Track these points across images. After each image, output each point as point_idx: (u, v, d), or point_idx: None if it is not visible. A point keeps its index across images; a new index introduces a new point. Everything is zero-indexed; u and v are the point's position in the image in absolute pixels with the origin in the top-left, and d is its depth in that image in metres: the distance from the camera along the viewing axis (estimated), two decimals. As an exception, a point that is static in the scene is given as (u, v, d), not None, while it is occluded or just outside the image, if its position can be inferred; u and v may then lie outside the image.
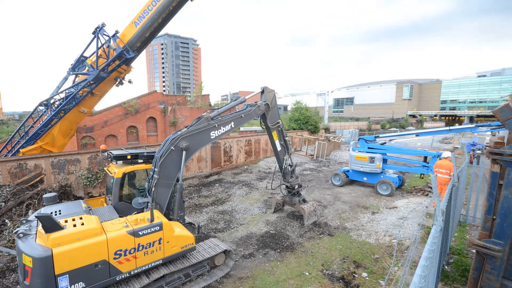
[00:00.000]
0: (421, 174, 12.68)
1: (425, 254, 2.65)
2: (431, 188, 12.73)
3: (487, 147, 9.26)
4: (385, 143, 13.51)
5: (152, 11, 10.10)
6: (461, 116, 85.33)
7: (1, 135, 20.89)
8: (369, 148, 13.21)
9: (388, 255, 7.33)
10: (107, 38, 10.51)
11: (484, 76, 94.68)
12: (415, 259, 6.51)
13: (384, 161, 12.97)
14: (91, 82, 10.80)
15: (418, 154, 13.06)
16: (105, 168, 7.55)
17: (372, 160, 12.76)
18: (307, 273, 6.59)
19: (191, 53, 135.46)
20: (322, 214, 10.24)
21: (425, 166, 12.17)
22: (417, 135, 13.34)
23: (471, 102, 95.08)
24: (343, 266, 6.90)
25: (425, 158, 12.59)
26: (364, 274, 6.54)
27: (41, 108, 11.47)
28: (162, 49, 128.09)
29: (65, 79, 11.20)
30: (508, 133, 3.79)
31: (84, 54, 10.95)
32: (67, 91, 11.14)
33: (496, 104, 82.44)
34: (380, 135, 13.80)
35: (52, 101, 11.26)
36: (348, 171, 14.34)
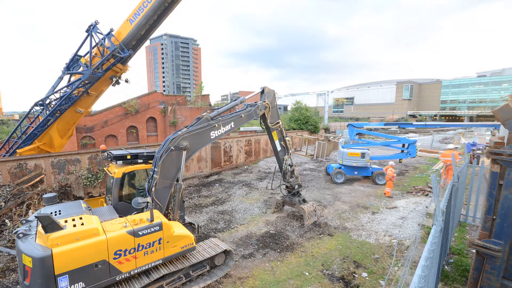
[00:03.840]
0: (399, 159, 14.95)
1: (425, 254, 2.65)
2: (431, 188, 12.74)
3: (487, 147, 9.30)
4: (371, 129, 15.92)
5: (147, 8, 10.06)
6: (461, 116, 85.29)
7: (1, 135, 20.89)
8: (357, 134, 15.46)
9: (388, 255, 7.32)
10: (101, 36, 10.34)
11: (484, 76, 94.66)
12: (415, 259, 6.51)
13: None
14: (86, 81, 10.65)
15: (399, 139, 15.11)
16: (105, 168, 7.54)
17: (363, 155, 14.36)
18: (307, 273, 6.58)
19: (191, 53, 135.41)
20: (322, 214, 10.24)
21: (403, 151, 14.38)
22: (399, 126, 16.68)
23: (471, 102, 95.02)
24: (343, 266, 6.90)
25: (403, 145, 14.74)
26: (364, 274, 6.54)
27: (36, 108, 11.36)
28: (162, 49, 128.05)
29: (60, 78, 11.05)
30: (508, 133, 3.78)
31: (79, 53, 10.77)
32: (62, 90, 11.05)
33: (496, 104, 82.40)
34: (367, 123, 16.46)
35: (48, 101, 11.13)
36: (340, 167, 15.04)
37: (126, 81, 12.22)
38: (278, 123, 8.89)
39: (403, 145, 14.69)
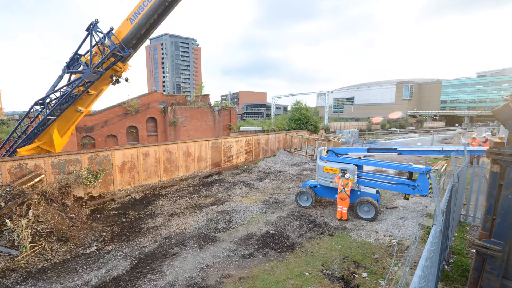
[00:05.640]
0: (405, 194, 9.79)
1: (425, 254, 2.65)
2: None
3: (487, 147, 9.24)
4: (360, 158, 10.59)
5: (147, 7, 10.06)
6: (461, 116, 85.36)
7: (1, 135, 20.87)
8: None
9: (388, 255, 7.32)
10: (101, 35, 10.31)
11: (484, 76, 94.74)
12: (415, 259, 6.50)
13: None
14: (86, 80, 10.62)
15: (401, 169, 9.96)
16: None
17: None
18: (307, 273, 6.58)
19: (191, 53, 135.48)
20: (322, 214, 10.24)
21: (410, 185, 9.46)
22: (399, 153, 10.00)
23: (471, 102, 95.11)
24: (343, 266, 6.90)
25: (411, 174, 9.77)
26: (364, 274, 6.54)
27: (37, 107, 11.34)
28: (162, 49, 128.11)
29: (60, 77, 11.03)
30: (508, 133, 3.78)
31: (79, 52, 10.73)
32: (62, 89, 11.02)
33: (496, 104, 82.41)
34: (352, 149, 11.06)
35: (48, 100, 11.10)
36: (315, 186, 11.08)
37: (126, 80, 12.22)
38: None
39: (410, 177, 9.77)
